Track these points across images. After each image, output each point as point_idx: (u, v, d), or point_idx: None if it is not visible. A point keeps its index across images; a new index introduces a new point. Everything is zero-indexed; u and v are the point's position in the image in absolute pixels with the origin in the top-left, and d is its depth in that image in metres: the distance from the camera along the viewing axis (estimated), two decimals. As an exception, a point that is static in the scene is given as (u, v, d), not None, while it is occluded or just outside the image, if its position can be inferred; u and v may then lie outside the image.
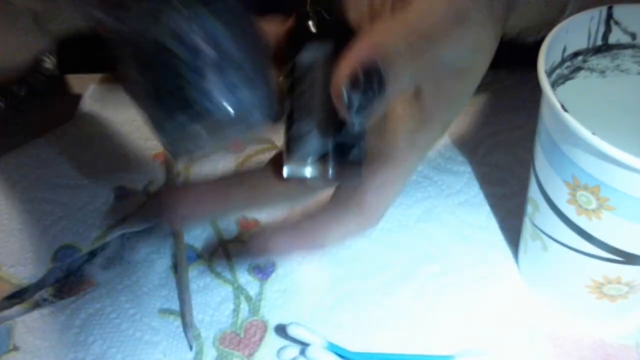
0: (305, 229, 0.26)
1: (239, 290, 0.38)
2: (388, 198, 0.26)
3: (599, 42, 0.32)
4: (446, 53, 0.25)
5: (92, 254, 0.40)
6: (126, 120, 0.49)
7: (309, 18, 0.26)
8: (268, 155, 0.26)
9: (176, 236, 0.40)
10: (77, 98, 0.52)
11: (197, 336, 0.36)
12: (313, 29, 0.26)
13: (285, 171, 0.25)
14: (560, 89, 0.33)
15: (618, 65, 0.33)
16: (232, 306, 0.37)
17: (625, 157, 0.25)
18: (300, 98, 0.25)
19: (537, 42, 0.30)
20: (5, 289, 0.39)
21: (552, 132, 0.29)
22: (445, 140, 0.46)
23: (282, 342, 0.36)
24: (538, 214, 0.33)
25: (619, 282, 0.31)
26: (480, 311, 0.36)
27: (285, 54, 0.26)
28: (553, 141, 0.29)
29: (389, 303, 0.37)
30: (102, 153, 0.47)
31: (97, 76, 0.54)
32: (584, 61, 0.33)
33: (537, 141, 0.31)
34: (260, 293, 0.38)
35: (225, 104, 0.23)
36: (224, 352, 0.35)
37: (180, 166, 0.45)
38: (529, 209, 0.34)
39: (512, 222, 0.40)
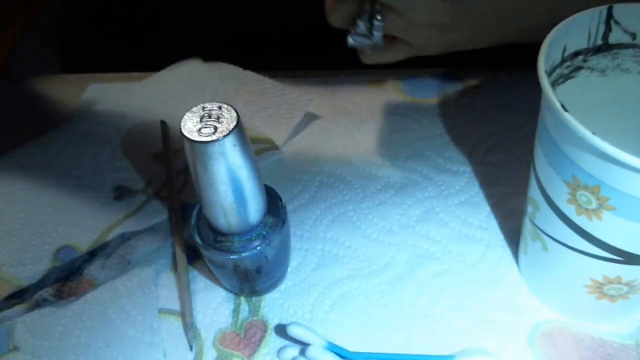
0: None
1: (239, 290, 0.38)
2: None
3: (599, 42, 0.32)
4: None
5: (92, 254, 0.40)
6: (126, 119, 0.49)
7: None
8: (268, 155, 0.26)
9: (176, 236, 0.40)
10: (77, 98, 0.52)
11: (197, 336, 0.36)
12: None
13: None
14: (561, 88, 0.33)
15: (618, 65, 0.33)
16: (232, 306, 0.37)
17: (626, 157, 0.25)
18: None
19: (538, 42, 0.30)
20: (5, 289, 0.39)
21: (552, 132, 0.29)
22: (445, 140, 0.46)
23: (282, 342, 0.36)
24: (538, 214, 0.33)
25: (619, 282, 0.31)
26: (480, 311, 0.36)
27: None
28: (553, 141, 0.29)
29: (389, 303, 0.37)
30: (102, 153, 0.47)
31: (97, 76, 0.54)
32: (584, 61, 0.33)
33: (537, 141, 0.31)
34: (260, 293, 0.38)
35: None
36: (224, 352, 0.35)
37: (179, 166, 0.45)
38: (529, 209, 0.34)
39: (512, 222, 0.40)
